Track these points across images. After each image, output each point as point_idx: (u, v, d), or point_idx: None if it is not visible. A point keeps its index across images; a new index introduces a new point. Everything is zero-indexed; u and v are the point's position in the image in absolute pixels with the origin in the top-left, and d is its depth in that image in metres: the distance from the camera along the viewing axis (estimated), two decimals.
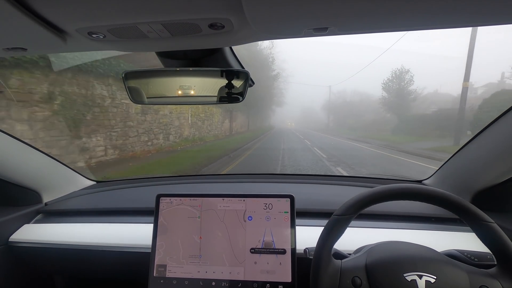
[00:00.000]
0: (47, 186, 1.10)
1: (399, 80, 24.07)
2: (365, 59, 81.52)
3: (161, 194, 0.81)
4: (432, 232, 0.86)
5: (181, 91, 0.69)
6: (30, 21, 0.41)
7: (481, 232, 0.54)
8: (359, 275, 0.56)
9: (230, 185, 1.31)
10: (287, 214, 0.75)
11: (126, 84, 0.69)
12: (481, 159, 0.87)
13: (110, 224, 0.99)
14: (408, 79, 23.83)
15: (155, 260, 0.76)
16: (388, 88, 24.76)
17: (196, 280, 0.74)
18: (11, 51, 0.55)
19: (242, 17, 0.42)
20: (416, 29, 0.46)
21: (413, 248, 0.61)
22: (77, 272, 1.03)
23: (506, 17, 0.41)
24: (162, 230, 0.78)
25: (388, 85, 24.77)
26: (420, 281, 0.52)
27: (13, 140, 0.93)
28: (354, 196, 0.59)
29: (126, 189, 1.27)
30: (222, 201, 0.79)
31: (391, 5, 0.37)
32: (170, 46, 0.56)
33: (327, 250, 0.58)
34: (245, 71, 0.67)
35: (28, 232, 0.97)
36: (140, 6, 0.40)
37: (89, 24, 0.44)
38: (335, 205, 0.63)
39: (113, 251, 0.89)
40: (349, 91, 62.13)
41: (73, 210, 1.07)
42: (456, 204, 0.55)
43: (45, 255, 0.95)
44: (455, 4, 0.37)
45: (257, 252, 0.74)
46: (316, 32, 0.46)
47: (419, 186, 0.57)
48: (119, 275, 0.98)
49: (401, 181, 1.32)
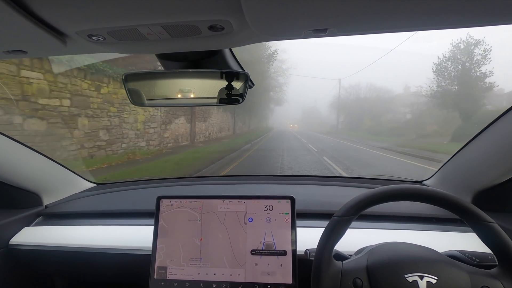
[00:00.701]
0: (48, 189, 1.10)
1: (465, 57, 14.56)
2: (385, 44, 58.88)
3: (161, 196, 0.81)
4: (433, 232, 0.86)
5: (181, 93, 0.69)
6: (30, 24, 0.41)
7: (482, 232, 0.54)
8: (360, 276, 0.56)
9: (230, 187, 1.31)
10: (288, 215, 0.75)
11: (126, 86, 0.69)
12: (481, 160, 0.86)
13: (111, 226, 0.98)
14: (479, 55, 13.94)
15: (155, 262, 0.76)
16: (443, 71, 15.33)
17: (197, 282, 0.74)
18: (11, 54, 0.55)
19: (241, 19, 0.42)
20: (415, 29, 0.46)
21: (414, 249, 0.61)
22: (77, 275, 1.03)
23: (509, 17, 0.41)
24: (162, 233, 0.78)
25: (442, 68, 15.35)
26: (422, 282, 0.52)
27: (13, 142, 0.93)
28: (355, 197, 0.59)
29: (126, 191, 1.27)
30: (223, 202, 0.79)
31: (390, 6, 0.37)
32: (170, 48, 0.56)
33: (328, 251, 0.58)
34: (245, 72, 0.67)
35: (29, 235, 0.97)
36: (139, 8, 0.40)
37: (89, 27, 0.45)
38: (335, 206, 0.63)
39: (113, 253, 0.89)
40: (364, 86, 44.38)
41: (73, 213, 1.07)
42: (456, 204, 0.54)
43: (45, 258, 0.95)
44: (454, 4, 0.37)
45: (257, 253, 0.74)
46: (315, 33, 0.46)
47: (419, 187, 0.57)
48: (119, 277, 0.98)
49: (402, 181, 1.32)
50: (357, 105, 37.50)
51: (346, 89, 42.20)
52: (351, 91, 41.69)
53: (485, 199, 0.86)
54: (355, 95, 41.18)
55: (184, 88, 0.69)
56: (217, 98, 0.69)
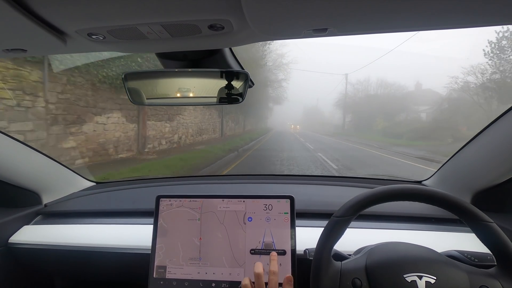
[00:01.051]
0: (47, 187, 1.10)
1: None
2: (397, 36, 57.70)
3: (161, 195, 0.81)
4: (432, 233, 0.86)
5: (181, 92, 0.69)
6: (30, 23, 0.41)
7: (480, 232, 0.54)
8: (359, 277, 0.56)
9: (230, 186, 1.31)
10: (287, 215, 0.75)
11: (126, 85, 0.69)
12: (480, 160, 0.87)
13: (110, 225, 0.98)
14: None
15: (155, 262, 0.76)
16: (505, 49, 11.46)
17: (196, 282, 0.74)
18: (11, 52, 0.55)
19: (241, 18, 0.42)
20: (415, 29, 0.46)
21: (413, 248, 0.61)
22: (77, 274, 1.03)
23: (508, 17, 0.41)
24: (162, 233, 0.78)
25: (497, 50, 11.74)
26: (420, 281, 0.52)
27: (12, 141, 0.93)
28: (353, 198, 0.59)
29: (126, 190, 1.27)
30: (222, 202, 0.79)
31: (390, 5, 0.37)
32: (169, 47, 0.56)
33: (327, 252, 0.58)
34: (245, 72, 0.67)
35: (28, 234, 0.97)
36: (139, 7, 0.40)
37: (89, 25, 0.45)
38: (335, 206, 0.63)
39: (113, 252, 0.89)
40: (374, 81, 37.44)
41: (73, 212, 1.07)
42: (455, 204, 0.55)
43: (44, 257, 0.95)
44: (454, 4, 0.37)
45: (257, 253, 0.74)
46: (315, 33, 0.46)
47: (417, 187, 0.57)
48: (118, 276, 0.98)
49: (401, 181, 1.32)
50: (367, 102, 31.82)
51: (354, 85, 36.16)
52: (359, 87, 35.77)
53: (484, 199, 0.86)
54: (364, 92, 35.29)
55: (184, 87, 0.69)
56: (217, 98, 0.69)
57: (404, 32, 0.58)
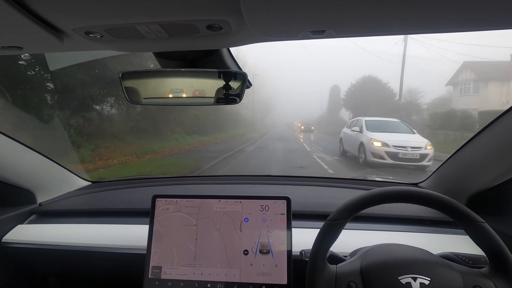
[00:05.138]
0: (42, 186, 1.09)
1: None
2: None
3: (157, 195, 0.81)
4: (427, 234, 0.86)
5: (178, 92, 0.69)
6: (27, 20, 0.41)
7: (473, 232, 0.55)
8: (354, 280, 0.56)
9: (226, 187, 1.30)
10: (284, 216, 0.75)
11: (123, 84, 0.69)
12: (476, 162, 0.87)
13: (105, 225, 0.98)
14: None
15: (150, 262, 0.76)
16: None
17: (192, 282, 0.74)
18: (7, 50, 0.55)
19: (240, 19, 0.42)
20: (413, 32, 0.46)
21: (407, 250, 0.62)
22: (71, 273, 1.02)
23: (503, 22, 0.41)
24: (157, 238, 0.78)
25: None
26: (415, 283, 0.52)
27: (7, 139, 0.92)
28: (347, 201, 0.59)
29: (122, 189, 1.26)
30: (218, 202, 0.79)
31: (389, 8, 0.38)
32: (167, 46, 0.56)
33: (322, 255, 0.58)
34: (243, 72, 0.67)
35: (22, 233, 0.96)
36: (137, 6, 0.39)
37: (86, 24, 0.44)
38: (331, 207, 0.63)
39: (108, 252, 0.88)
40: None
41: (67, 211, 1.06)
42: (447, 205, 0.55)
43: (39, 256, 0.94)
44: (452, 8, 0.37)
45: (253, 254, 0.74)
46: (313, 35, 0.47)
47: (411, 188, 0.58)
48: (113, 276, 0.97)
49: (397, 183, 1.33)
50: None
51: None
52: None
53: (479, 202, 0.87)
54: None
55: (182, 87, 0.69)
56: (214, 98, 0.69)
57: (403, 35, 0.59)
